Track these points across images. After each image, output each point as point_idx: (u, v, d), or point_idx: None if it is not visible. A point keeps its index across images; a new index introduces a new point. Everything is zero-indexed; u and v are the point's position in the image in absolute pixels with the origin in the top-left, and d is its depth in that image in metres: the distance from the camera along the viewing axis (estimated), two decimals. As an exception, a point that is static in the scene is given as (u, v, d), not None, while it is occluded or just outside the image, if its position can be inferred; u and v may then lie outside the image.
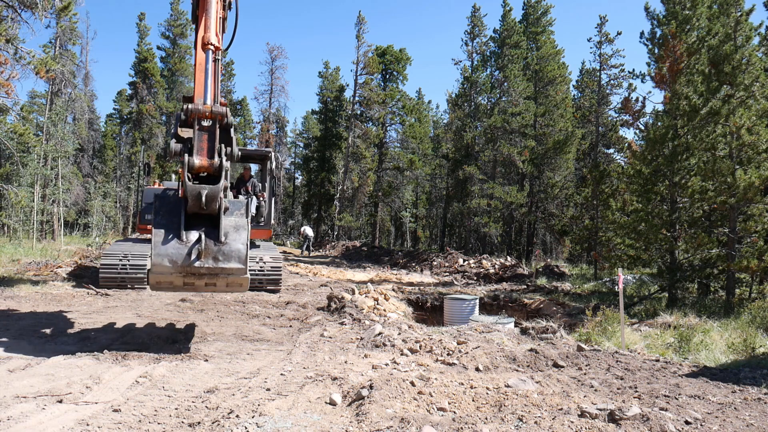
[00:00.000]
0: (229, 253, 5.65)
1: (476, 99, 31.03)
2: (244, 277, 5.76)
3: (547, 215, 29.34)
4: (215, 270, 5.60)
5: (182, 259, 5.47)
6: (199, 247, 5.51)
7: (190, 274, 5.59)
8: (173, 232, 5.58)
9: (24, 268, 13.27)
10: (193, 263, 5.49)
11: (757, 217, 11.82)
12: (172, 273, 5.52)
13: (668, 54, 13.18)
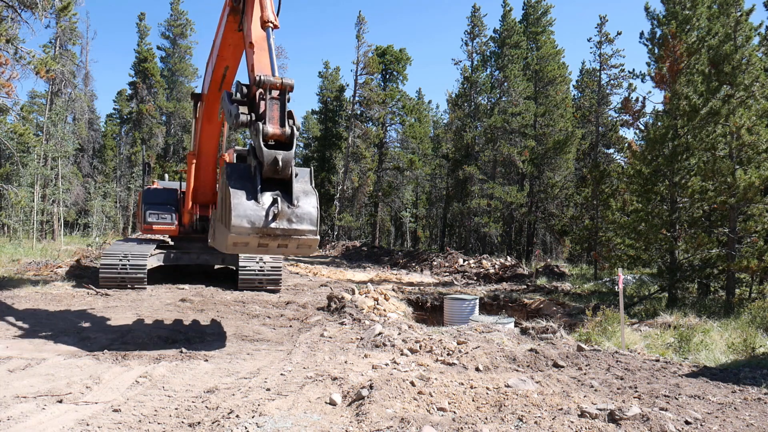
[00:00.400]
0: (302, 215, 5.87)
1: (476, 99, 31.02)
2: (315, 239, 5.95)
3: (547, 215, 29.34)
4: (289, 231, 5.81)
5: (260, 220, 5.65)
6: (275, 209, 5.69)
7: (266, 235, 5.76)
8: (251, 195, 5.75)
9: (24, 268, 13.28)
10: (270, 224, 5.68)
11: (757, 217, 11.81)
12: (249, 234, 5.67)
13: (668, 54, 13.17)
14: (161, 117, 39.48)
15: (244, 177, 5.98)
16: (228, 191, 5.75)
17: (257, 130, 5.92)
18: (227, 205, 5.77)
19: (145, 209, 11.84)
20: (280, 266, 11.86)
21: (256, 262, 11.63)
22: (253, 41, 7.07)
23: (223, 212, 6.04)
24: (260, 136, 5.87)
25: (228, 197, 5.74)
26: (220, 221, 6.25)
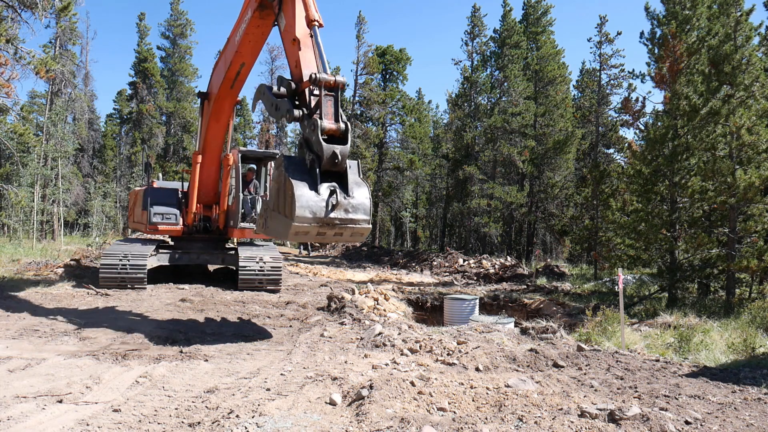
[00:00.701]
0: (357, 205, 6.23)
1: (476, 99, 31.02)
2: (368, 227, 6.36)
3: (547, 215, 29.34)
4: (346, 221, 6.17)
5: (321, 211, 5.99)
6: (333, 200, 6.03)
7: (325, 225, 6.09)
8: (311, 187, 6.06)
9: (24, 268, 13.28)
10: (329, 214, 6.03)
11: (757, 217, 11.81)
12: (311, 224, 6.00)
13: (668, 54, 13.17)
14: (161, 117, 39.49)
15: (301, 169, 6.29)
16: (290, 183, 6.04)
17: (315, 125, 6.24)
18: (290, 196, 6.05)
19: (149, 209, 11.76)
20: (280, 266, 11.85)
21: (256, 262, 11.62)
22: (298, 37, 7.30)
23: (282, 203, 6.32)
24: (318, 130, 6.18)
25: (290, 189, 6.02)
26: (276, 211, 6.51)
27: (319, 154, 6.22)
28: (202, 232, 12.29)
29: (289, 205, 6.11)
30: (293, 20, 7.59)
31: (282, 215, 6.37)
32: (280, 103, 7.13)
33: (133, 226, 14.18)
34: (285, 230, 6.33)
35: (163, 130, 38.97)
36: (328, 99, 6.50)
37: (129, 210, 14.73)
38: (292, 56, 7.46)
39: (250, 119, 49.77)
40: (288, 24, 7.79)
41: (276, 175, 6.71)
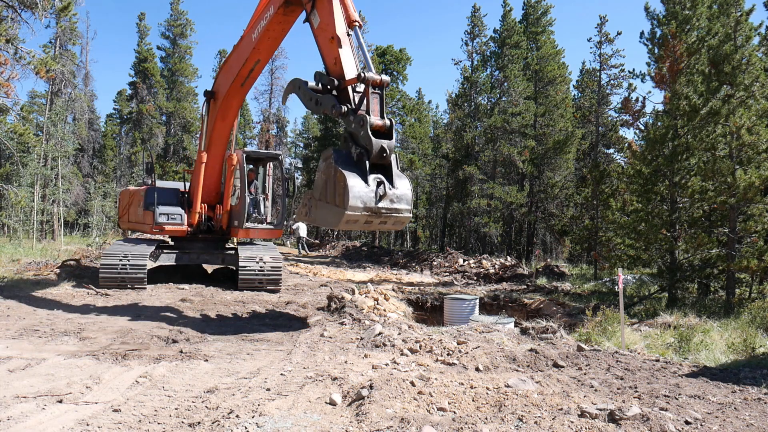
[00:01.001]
0: (401, 196, 6.83)
1: (476, 99, 31.01)
2: (409, 216, 7.00)
3: (547, 215, 29.33)
4: (391, 210, 6.73)
5: (371, 201, 6.56)
6: (380, 191, 6.61)
7: (374, 214, 6.63)
8: (362, 178, 6.61)
9: (24, 268, 13.27)
10: (378, 204, 6.61)
11: (757, 217, 11.81)
12: (361, 213, 6.54)
13: (668, 54, 13.17)
14: (161, 117, 39.48)
15: (349, 162, 6.82)
16: (342, 174, 6.59)
17: (364, 121, 6.74)
18: (341, 187, 6.61)
19: (156, 209, 11.68)
20: (280, 266, 11.86)
21: (256, 262, 11.62)
22: (337, 35, 7.64)
23: (332, 193, 6.86)
24: (368, 126, 6.69)
25: (342, 180, 6.58)
26: (323, 201, 7.07)
27: (368, 148, 6.72)
28: (206, 232, 12.28)
29: (341, 195, 6.62)
30: (331, 18, 7.89)
31: (332, 205, 6.85)
32: (324, 98, 7.55)
33: (129, 226, 13.68)
34: (336, 219, 6.83)
35: (163, 130, 38.96)
36: (374, 96, 6.98)
37: (121, 210, 14.03)
38: (330, 53, 7.77)
39: (250, 119, 49.78)
40: (324, 22, 8.09)
41: (324, 167, 7.12)
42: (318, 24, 8.29)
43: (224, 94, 10.78)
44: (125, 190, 14.35)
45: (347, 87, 7.38)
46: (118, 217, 14.28)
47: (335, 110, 7.25)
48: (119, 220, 14.23)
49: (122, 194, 14.27)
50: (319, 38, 8.21)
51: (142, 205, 12.07)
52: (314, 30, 8.41)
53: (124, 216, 13.57)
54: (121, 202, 14.10)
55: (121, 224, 14.33)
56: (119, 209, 14.21)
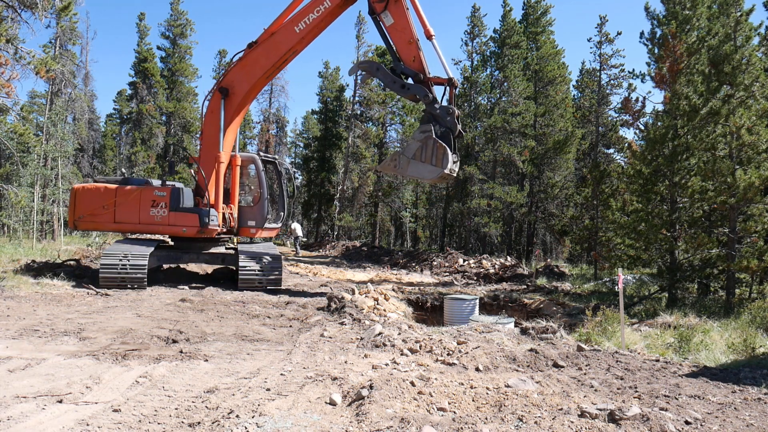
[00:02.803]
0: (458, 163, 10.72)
1: (476, 99, 31.01)
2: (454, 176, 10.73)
3: (547, 215, 29.32)
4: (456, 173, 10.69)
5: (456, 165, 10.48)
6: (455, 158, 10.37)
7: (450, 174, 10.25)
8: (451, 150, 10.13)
9: (24, 268, 13.25)
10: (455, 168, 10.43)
11: (757, 217, 11.81)
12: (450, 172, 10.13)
13: (668, 54, 13.17)
14: (161, 117, 39.46)
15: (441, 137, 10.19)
16: (441, 144, 10.02)
17: (453, 111, 10.28)
18: (441, 152, 10.00)
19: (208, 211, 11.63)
20: (280, 266, 11.86)
21: (256, 262, 11.63)
22: (416, 40, 10.54)
23: (430, 155, 10.10)
24: (455, 114, 10.27)
25: (442, 148, 10.01)
26: (420, 160, 10.25)
27: (453, 129, 10.25)
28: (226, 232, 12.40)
29: (440, 158, 10.00)
30: (407, 23, 10.58)
31: (429, 164, 10.15)
32: (414, 86, 10.64)
33: (115, 227, 12.13)
34: (433, 174, 10.21)
35: (163, 130, 38.93)
36: (452, 93, 10.64)
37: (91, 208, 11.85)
38: (410, 53, 10.60)
39: (250, 119, 49.76)
40: (401, 24, 10.62)
41: (423, 137, 10.26)
42: (391, 24, 10.66)
43: (246, 90, 11.49)
44: (98, 186, 12.12)
45: (428, 81, 10.48)
46: (77, 216, 11.86)
47: (426, 98, 10.47)
48: (79, 220, 11.91)
49: (94, 191, 11.98)
50: (393, 36, 10.72)
51: (164, 206, 11.71)
52: (386, 27, 10.72)
53: (103, 215, 11.81)
54: (91, 198, 11.87)
55: (82, 224, 12.14)
56: (83, 207, 11.84)
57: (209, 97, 12.06)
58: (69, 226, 13.10)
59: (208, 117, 12.03)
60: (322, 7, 10.64)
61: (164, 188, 11.91)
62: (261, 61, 11.37)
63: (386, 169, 11.31)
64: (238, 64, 11.75)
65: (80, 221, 11.91)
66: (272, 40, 11.23)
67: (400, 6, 10.54)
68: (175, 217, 11.72)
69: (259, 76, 11.57)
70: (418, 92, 10.65)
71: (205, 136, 12.16)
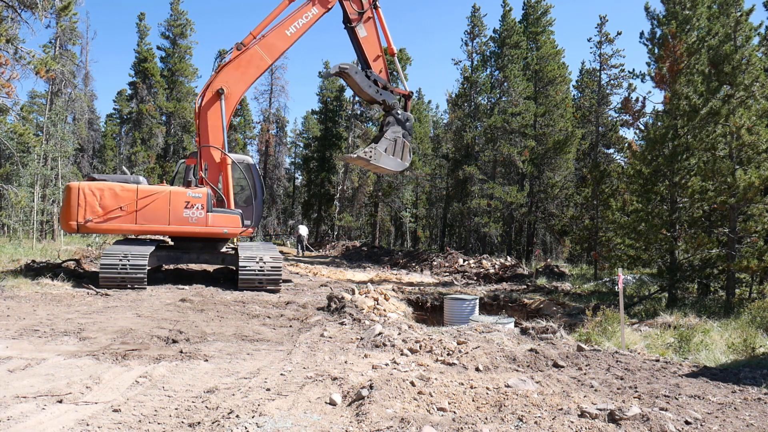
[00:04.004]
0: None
1: (476, 99, 31.00)
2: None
3: (547, 215, 29.32)
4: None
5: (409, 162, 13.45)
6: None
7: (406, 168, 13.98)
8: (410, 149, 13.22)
9: (24, 268, 13.25)
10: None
11: (757, 217, 11.81)
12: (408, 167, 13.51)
13: (668, 54, 13.17)
14: (161, 117, 39.45)
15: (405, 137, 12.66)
16: (407, 144, 12.63)
17: (411, 118, 12.80)
18: (408, 150, 12.67)
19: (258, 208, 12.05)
20: (280, 266, 11.85)
21: (256, 262, 11.62)
22: (382, 55, 12.97)
23: (400, 152, 12.50)
24: (412, 121, 12.60)
25: (408, 147, 12.67)
26: (391, 155, 12.41)
27: (410, 133, 12.65)
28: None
29: (406, 155, 12.59)
30: (377, 38, 12.84)
31: (398, 159, 12.49)
32: (385, 93, 12.51)
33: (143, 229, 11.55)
34: (397, 168, 12.81)
35: (163, 130, 38.93)
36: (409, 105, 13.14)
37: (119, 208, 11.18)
38: (378, 65, 12.83)
39: (250, 119, 49.77)
40: (372, 39, 12.73)
41: (392, 135, 12.30)
42: (364, 37, 12.51)
43: (243, 90, 12.21)
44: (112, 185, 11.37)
45: (391, 90, 12.55)
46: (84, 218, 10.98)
47: (395, 105, 12.46)
48: (88, 223, 11.00)
49: (107, 191, 11.24)
50: (365, 47, 12.58)
51: (201, 207, 11.64)
52: (360, 39, 12.48)
53: (121, 217, 11.23)
54: (104, 199, 11.13)
55: (91, 227, 11.15)
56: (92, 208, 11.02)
57: (204, 99, 12.04)
58: (65, 229, 11.58)
59: (209, 119, 12.02)
60: (309, 14, 11.99)
61: (200, 189, 11.83)
62: (256, 62, 12.04)
63: (353, 160, 12.70)
64: (231, 64, 11.98)
65: (88, 224, 11.04)
66: (266, 42, 11.99)
67: (372, 22, 12.57)
68: (214, 218, 11.76)
69: (256, 76, 12.33)
70: (388, 98, 12.43)
71: (205, 137, 12.11)
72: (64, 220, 11.25)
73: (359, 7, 12.44)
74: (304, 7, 11.93)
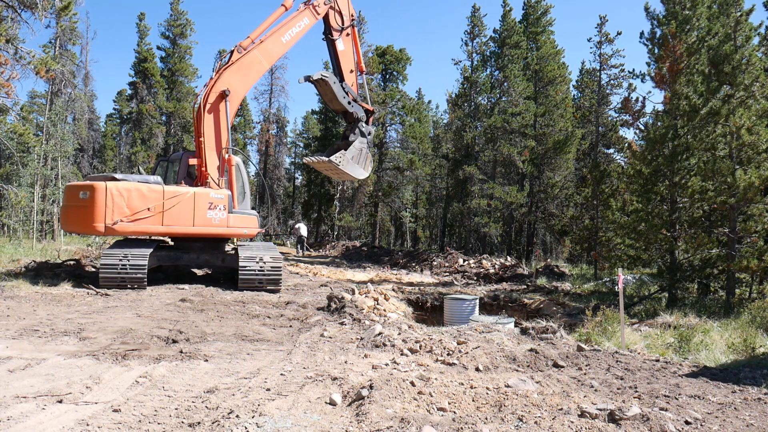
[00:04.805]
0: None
1: (476, 99, 31.00)
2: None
3: (547, 215, 29.33)
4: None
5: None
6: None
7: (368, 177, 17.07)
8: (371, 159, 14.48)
9: (24, 268, 13.24)
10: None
11: (757, 217, 11.81)
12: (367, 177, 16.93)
13: (668, 54, 13.17)
14: (161, 117, 39.45)
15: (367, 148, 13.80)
16: (370, 155, 13.69)
17: (372, 132, 13.72)
18: (370, 161, 13.74)
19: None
20: (280, 266, 11.84)
21: (256, 262, 11.62)
22: (356, 70, 13.85)
23: (363, 162, 13.41)
24: (373, 135, 13.11)
25: (371, 158, 13.75)
26: (356, 163, 13.21)
27: (371, 146, 13.20)
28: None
29: (368, 166, 13.55)
30: (352, 54, 13.66)
31: (361, 168, 13.30)
32: (356, 105, 13.28)
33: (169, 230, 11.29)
34: (360, 176, 13.59)
35: (163, 130, 38.93)
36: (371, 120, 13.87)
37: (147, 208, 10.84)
38: (350, 79, 13.45)
39: (250, 119, 49.77)
40: (349, 53, 13.55)
41: (359, 145, 13.20)
42: (342, 51, 13.28)
43: (244, 91, 12.70)
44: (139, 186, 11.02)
45: (359, 104, 13.29)
46: (113, 219, 10.54)
47: (362, 118, 13.35)
48: (116, 224, 10.57)
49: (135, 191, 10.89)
50: (341, 60, 13.31)
51: (223, 208, 11.77)
52: (338, 51, 13.23)
53: (149, 218, 10.87)
54: (132, 200, 10.77)
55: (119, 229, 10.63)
56: (120, 209, 10.67)
57: (207, 100, 12.01)
58: (88, 231, 10.99)
59: (214, 119, 12.04)
60: (302, 23, 12.70)
61: (222, 191, 11.90)
62: (255, 66, 12.55)
63: (321, 163, 12.98)
64: (232, 67, 12.17)
65: (117, 226, 10.54)
66: (264, 47, 12.48)
67: (350, 39, 13.53)
68: (235, 219, 11.93)
69: (256, 79, 12.94)
70: (358, 111, 13.26)
71: (210, 138, 12.08)
72: (86, 221, 10.58)
73: (341, 22, 13.41)
74: (298, 16, 12.67)
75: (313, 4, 12.91)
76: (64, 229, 13.49)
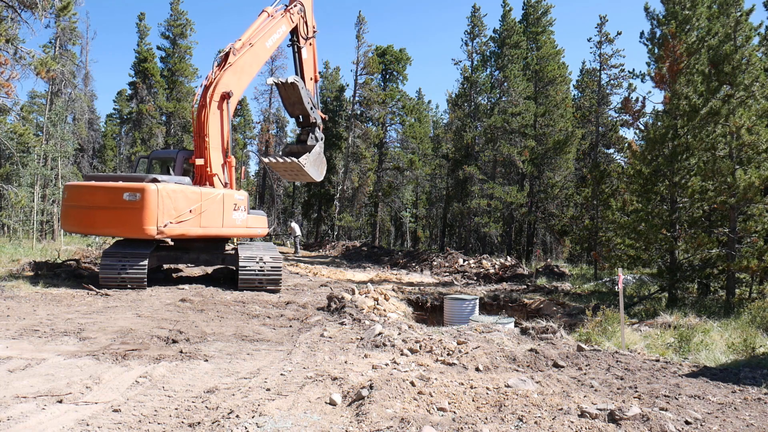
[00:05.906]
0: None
1: (476, 99, 31.01)
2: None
3: (547, 215, 29.33)
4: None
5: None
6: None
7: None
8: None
9: (24, 268, 13.25)
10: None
11: (757, 217, 11.81)
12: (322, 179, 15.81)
13: (668, 54, 13.17)
14: (161, 117, 39.44)
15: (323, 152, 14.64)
16: (324, 160, 14.48)
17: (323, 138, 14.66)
18: (324, 164, 14.53)
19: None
20: (280, 266, 11.84)
21: (256, 262, 11.62)
22: (315, 78, 14.71)
23: (319, 165, 14.12)
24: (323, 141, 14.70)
25: (325, 162, 14.57)
26: (315, 165, 13.88)
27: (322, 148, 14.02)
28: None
29: (323, 169, 14.33)
30: (313, 62, 14.65)
31: (317, 170, 13.98)
32: (316, 112, 13.83)
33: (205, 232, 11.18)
34: (317, 178, 14.14)
35: (163, 130, 38.91)
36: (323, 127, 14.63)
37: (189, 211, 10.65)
38: (311, 85, 14.17)
39: (250, 119, 49.76)
40: (310, 61, 14.52)
41: (318, 149, 13.91)
42: (305, 59, 14.21)
43: (242, 92, 13.02)
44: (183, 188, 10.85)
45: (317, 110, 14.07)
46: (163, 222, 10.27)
47: (320, 124, 14.15)
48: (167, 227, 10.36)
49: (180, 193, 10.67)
50: (304, 67, 14.18)
51: (244, 209, 11.92)
52: (301, 58, 14.14)
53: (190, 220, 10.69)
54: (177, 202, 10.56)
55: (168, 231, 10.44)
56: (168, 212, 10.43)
57: (208, 101, 11.97)
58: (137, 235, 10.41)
59: (218, 121, 12.04)
60: (281, 30, 13.49)
61: (242, 192, 12.21)
62: (247, 69, 12.99)
63: (284, 164, 13.25)
64: (230, 68, 12.26)
65: (166, 228, 10.39)
66: (253, 51, 12.92)
67: (311, 48, 14.62)
68: (252, 219, 12.24)
69: (250, 80, 13.32)
70: (317, 118, 13.93)
71: (214, 138, 12.04)
72: (135, 224, 10.23)
73: (307, 32, 14.47)
74: (277, 23, 13.41)
75: (290, 13, 13.74)
76: (89, 233, 13.19)
